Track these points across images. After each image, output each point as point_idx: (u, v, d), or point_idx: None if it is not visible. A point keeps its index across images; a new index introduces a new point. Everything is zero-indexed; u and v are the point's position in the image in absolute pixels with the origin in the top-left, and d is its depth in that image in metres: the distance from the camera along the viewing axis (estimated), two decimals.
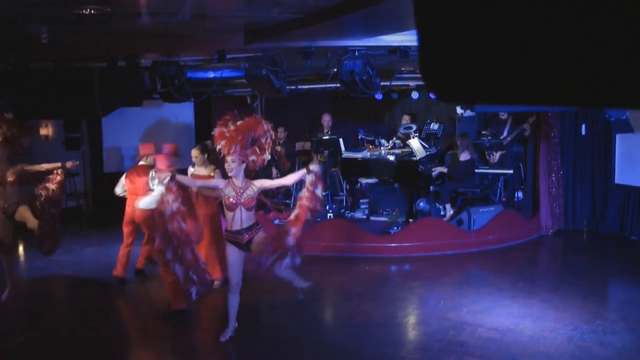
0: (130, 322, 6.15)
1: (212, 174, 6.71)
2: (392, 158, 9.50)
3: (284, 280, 5.23)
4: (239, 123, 4.98)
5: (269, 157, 5.14)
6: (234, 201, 4.95)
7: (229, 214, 5.03)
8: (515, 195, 9.95)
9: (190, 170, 7.05)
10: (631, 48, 0.69)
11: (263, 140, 5.03)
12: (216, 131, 5.02)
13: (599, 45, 0.72)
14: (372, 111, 12.45)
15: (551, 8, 0.74)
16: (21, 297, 6.44)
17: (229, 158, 4.95)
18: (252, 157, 4.99)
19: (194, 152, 6.90)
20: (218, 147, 5.03)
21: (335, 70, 6.32)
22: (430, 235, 8.43)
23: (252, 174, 5.60)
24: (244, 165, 5.01)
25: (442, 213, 9.11)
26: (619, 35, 0.69)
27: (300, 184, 5.43)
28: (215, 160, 6.64)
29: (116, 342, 5.49)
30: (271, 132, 5.11)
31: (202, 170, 6.81)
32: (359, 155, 9.72)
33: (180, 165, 7.36)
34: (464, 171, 8.96)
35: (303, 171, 5.21)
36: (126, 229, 7.18)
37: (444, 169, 9.32)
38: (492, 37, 0.81)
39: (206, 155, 6.81)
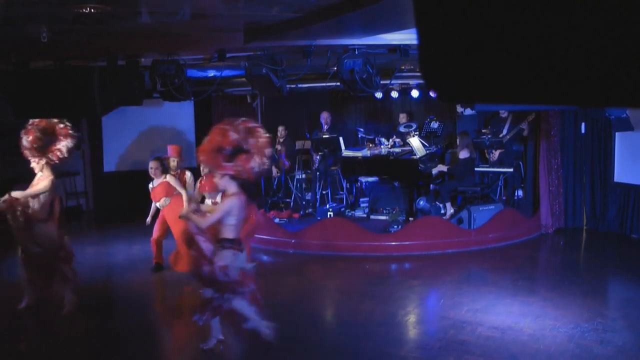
0: (132, 321, 6.14)
1: (166, 180, 7.33)
2: (392, 157, 9.51)
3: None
4: (205, 141, 4.73)
5: (260, 160, 4.73)
6: None
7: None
8: (516, 193, 9.96)
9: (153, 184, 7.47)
10: (630, 47, 0.69)
11: (245, 147, 4.68)
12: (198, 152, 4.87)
13: (598, 45, 0.72)
14: (372, 110, 12.45)
15: (550, 8, 0.74)
16: (22, 297, 6.43)
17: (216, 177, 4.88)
18: (237, 167, 4.71)
19: (153, 164, 7.32)
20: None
21: (335, 68, 6.32)
22: (430, 233, 8.43)
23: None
24: (227, 178, 4.78)
25: (442, 212, 9.11)
26: (619, 35, 0.69)
27: (300, 183, 5.36)
28: (165, 170, 7.39)
29: (117, 342, 5.49)
30: (252, 135, 4.70)
31: (157, 182, 7.37)
32: (359, 154, 9.72)
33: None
34: (463, 169, 8.96)
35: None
36: None
37: (444, 168, 9.32)
38: (491, 36, 0.81)
39: (162, 168, 7.36)
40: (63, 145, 6.17)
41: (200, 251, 4.82)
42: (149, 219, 7.57)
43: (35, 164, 6.11)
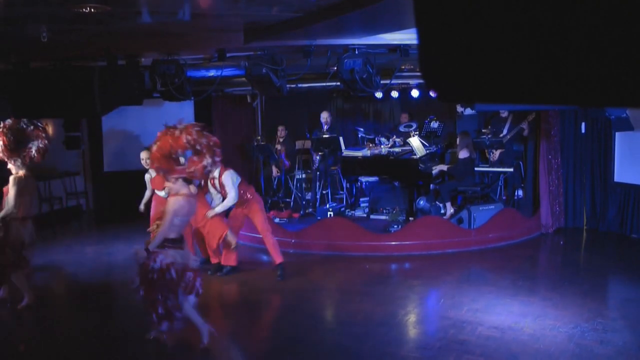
0: (132, 321, 6.14)
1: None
2: (392, 157, 9.51)
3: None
4: (155, 147, 4.79)
5: (212, 160, 4.79)
6: None
7: None
8: (516, 193, 9.96)
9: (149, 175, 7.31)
10: (630, 47, 0.69)
11: (198, 148, 4.75)
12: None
13: (598, 45, 0.72)
14: (372, 110, 12.46)
15: (550, 8, 0.74)
16: (22, 298, 6.43)
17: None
18: (190, 169, 4.79)
19: (144, 154, 7.09)
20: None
21: (335, 68, 6.33)
22: (430, 233, 8.43)
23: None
24: (180, 181, 4.89)
25: (442, 211, 9.11)
26: (619, 35, 0.69)
27: (300, 183, 5.39)
28: None
29: (117, 342, 5.49)
30: (202, 136, 4.75)
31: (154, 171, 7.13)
32: (359, 154, 9.72)
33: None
34: (462, 169, 8.96)
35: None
36: None
37: (444, 168, 9.32)
38: (491, 36, 0.81)
39: None
40: (35, 145, 6.22)
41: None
42: (142, 206, 7.49)
43: (12, 165, 6.16)
